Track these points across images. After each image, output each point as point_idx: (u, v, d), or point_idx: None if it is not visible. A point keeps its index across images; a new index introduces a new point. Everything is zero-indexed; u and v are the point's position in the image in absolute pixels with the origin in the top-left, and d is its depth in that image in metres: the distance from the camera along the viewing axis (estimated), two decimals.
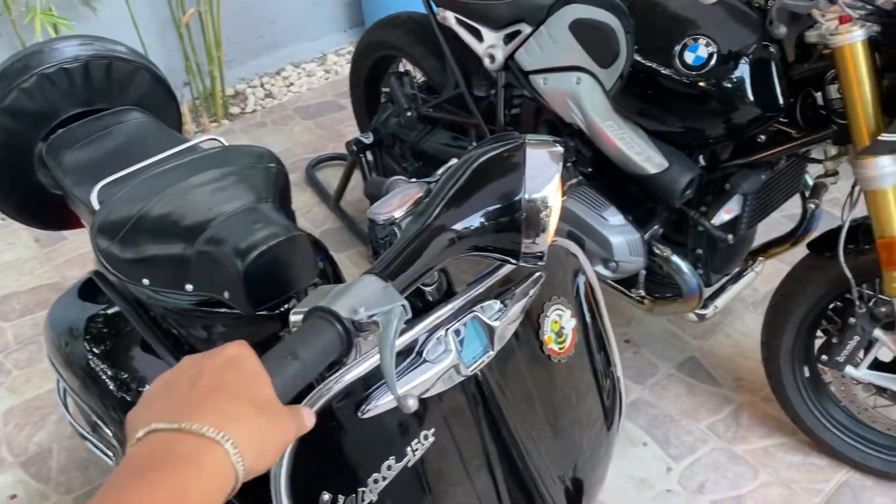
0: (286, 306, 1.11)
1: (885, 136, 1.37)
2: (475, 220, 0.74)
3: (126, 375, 1.27)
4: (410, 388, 0.78)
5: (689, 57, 1.53)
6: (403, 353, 0.80)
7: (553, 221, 0.77)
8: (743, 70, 1.50)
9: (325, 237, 2.62)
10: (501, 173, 0.76)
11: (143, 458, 0.51)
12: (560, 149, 0.78)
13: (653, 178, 1.66)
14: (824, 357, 1.64)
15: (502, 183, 0.76)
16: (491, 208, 0.75)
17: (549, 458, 0.95)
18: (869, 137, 1.40)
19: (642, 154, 1.66)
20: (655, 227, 1.75)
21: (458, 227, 0.74)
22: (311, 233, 2.64)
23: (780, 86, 1.51)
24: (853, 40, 1.36)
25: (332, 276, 1.35)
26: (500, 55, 1.93)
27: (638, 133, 1.67)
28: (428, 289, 0.83)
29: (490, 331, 0.85)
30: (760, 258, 1.94)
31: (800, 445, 1.82)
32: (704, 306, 1.84)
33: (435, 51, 2.22)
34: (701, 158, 1.69)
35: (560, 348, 0.95)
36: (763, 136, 1.59)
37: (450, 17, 2.04)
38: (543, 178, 0.76)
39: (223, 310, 1.14)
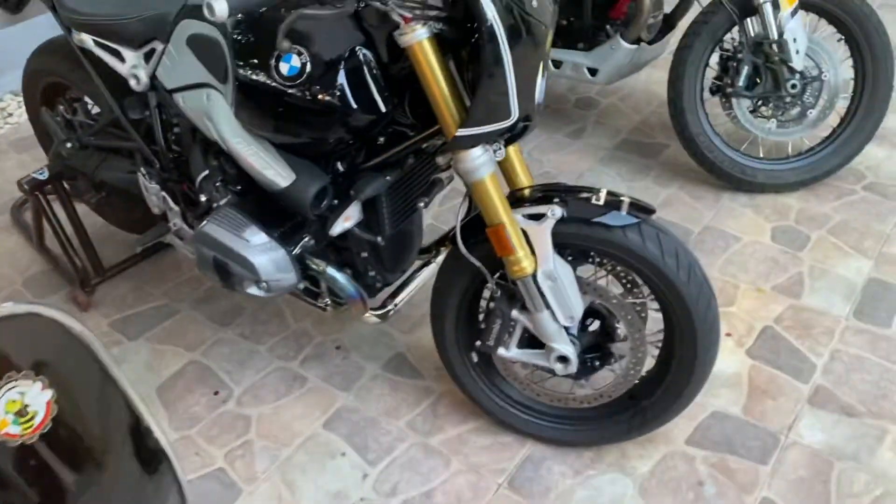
0: None
1: (461, 132, 1.39)
2: None
3: None
4: None
5: (283, 68, 1.49)
6: None
7: None
8: (340, 76, 1.48)
9: (31, 283, 2.43)
10: None
11: None
12: None
13: (285, 192, 1.62)
14: (478, 343, 1.68)
15: None
16: None
17: None
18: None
19: (271, 168, 1.62)
20: (306, 239, 1.71)
21: None
22: (14, 281, 2.45)
23: (379, 88, 1.50)
24: (417, 38, 1.36)
25: None
26: (143, 75, 1.84)
27: (265, 147, 1.63)
28: None
29: None
30: (442, 248, 1.96)
31: (489, 427, 1.86)
32: (384, 305, 1.84)
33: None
34: (340, 166, 1.67)
35: (27, 428, 0.88)
36: (382, 139, 1.59)
37: (87, 40, 1.92)
38: None
39: None
